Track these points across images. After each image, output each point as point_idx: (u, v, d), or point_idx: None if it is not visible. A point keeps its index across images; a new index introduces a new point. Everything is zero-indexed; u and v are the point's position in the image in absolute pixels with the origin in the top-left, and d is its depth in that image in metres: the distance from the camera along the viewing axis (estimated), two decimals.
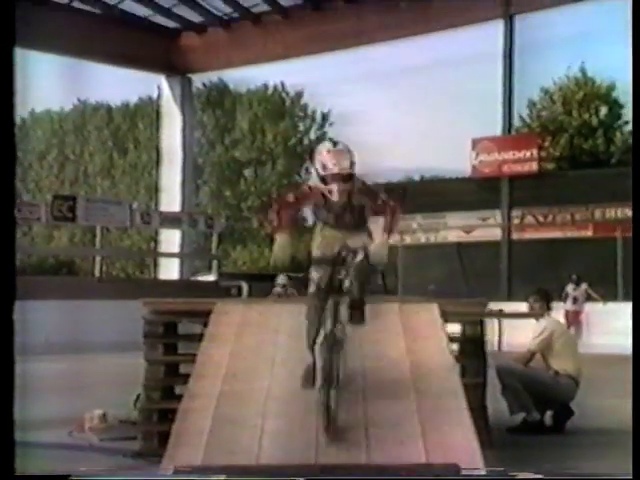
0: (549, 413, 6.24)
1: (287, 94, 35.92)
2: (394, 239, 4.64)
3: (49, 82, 24.65)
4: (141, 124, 35.26)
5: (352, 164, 4.04)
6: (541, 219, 18.65)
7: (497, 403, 5.78)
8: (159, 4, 19.97)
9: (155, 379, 5.13)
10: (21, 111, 37.24)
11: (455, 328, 5.38)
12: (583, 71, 25.84)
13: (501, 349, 13.51)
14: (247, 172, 34.76)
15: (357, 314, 4.09)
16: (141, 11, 20.26)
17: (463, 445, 3.80)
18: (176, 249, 21.11)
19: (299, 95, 35.94)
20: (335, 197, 4.06)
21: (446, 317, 4.94)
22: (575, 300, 16.13)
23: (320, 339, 4.01)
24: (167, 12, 20.43)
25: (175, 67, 21.79)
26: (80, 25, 19.12)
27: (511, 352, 8.01)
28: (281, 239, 4.18)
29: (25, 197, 31.22)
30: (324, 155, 4.04)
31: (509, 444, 5.33)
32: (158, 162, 23.88)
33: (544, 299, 6.62)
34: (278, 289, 12.87)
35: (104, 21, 19.83)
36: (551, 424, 6.20)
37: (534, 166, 18.37)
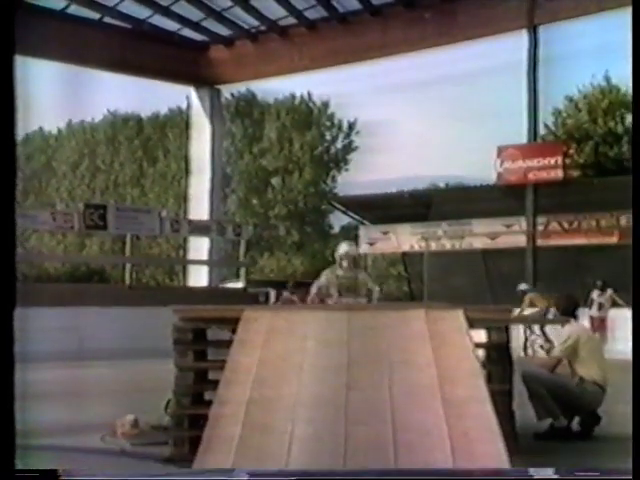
0: (576, 419, 6.24)
1: (314, 104, 36.06)
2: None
3: (83, 94, 25.08)
4: (171, 134, 35.62)
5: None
6: (566, 226, 18.52)
7: (523, 408, 5.79)
8: (188, 18, 20.20)
9: (185, 385, 5.19)
10: (57, 122, 37.86)
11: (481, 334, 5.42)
12: (608, 79, 25.72)
13: (526, 354, 13.49)
14: (274, 181, 34.92)
15: None
16: (171, 25, 20.52)
17: (490, 451, 3.83)
18: (205, 256, 21.23)
19: (326, 105, 36.08)
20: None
21: (471, 323, 4.96)
22: (600, 306, 16.02)
23: None
24: (196, 26, 20.65)
25: (204, 79, 21.96)
26: (112, 40, 19.44)
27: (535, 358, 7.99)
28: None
29: (58, 206, 31.60)
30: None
31: (537, 450, 5.35)
32: (187, 171, 24.06)
33: (568, 305, 6.61)
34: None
35: (135, 36, 20.14)
36: (578, 430, 6.20)
37: (559, 173, 18.20)
